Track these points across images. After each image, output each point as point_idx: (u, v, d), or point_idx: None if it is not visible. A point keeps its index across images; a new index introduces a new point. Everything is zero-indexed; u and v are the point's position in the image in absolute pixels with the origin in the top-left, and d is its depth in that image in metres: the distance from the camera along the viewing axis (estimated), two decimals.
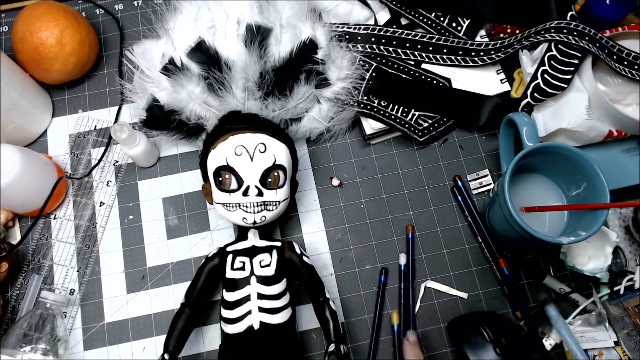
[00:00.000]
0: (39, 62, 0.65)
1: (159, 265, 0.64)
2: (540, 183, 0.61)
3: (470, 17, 0.70)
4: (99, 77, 0.72)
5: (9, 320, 0.61)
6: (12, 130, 0.64)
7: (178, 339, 0.54)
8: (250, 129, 0.56)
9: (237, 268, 0.55)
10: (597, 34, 0.62)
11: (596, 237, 0.58)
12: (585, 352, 0.58)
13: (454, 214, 0.66)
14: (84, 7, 0.76)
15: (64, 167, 0.68)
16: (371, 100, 0.66)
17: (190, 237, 0.65)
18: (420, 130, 0.66)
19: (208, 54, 0.58)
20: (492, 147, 0.68)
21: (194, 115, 0.61)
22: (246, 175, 0.55)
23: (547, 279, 0.62)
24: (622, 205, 0.52)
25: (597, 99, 0.61)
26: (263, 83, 0.59)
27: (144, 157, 0.65)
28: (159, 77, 0.60)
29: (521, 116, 0.59)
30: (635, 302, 0.59)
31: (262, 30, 0.58)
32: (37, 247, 0.64)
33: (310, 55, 0.61)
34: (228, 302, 0.54)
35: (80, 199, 0.67)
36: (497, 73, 0.69)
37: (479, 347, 0.56)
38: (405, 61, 0.69)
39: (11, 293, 0.62)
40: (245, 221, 0.56)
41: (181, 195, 0.67)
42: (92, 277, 0.63)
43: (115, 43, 0.74)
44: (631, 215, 0.62)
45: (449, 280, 0.63)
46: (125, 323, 0.62)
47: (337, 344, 0.54)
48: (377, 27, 0.69)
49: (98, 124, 0.70)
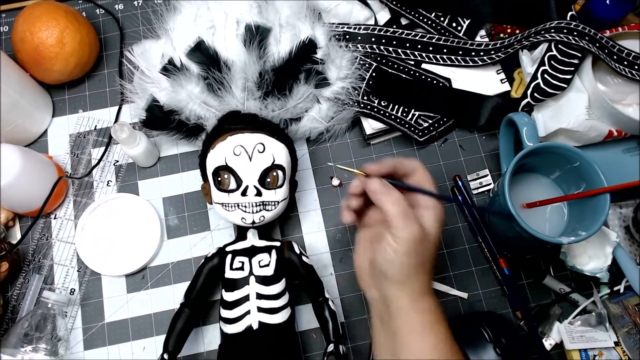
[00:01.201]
0: (39, 62, 0.65)
1: (159, 265, 0.64)
2: (540, 183, 0.61)
3: (470, 17, 0.70)
4: (99, 77, 0.72)
5: (9, 320, 0.61)
6: (13, 130, 0.64)
7: (177, 338, 0.55)
8: (249, 129, 0.56)
9: (236, 268, 0.55)
10: (597, 34, 0.62)
11: (596, 237, 0.58)
12: (585, 352, 0.58)
13: (454, 214, 0.66)
14: (84, 7, 0.76)
15: (64, 167, 0.68)
16: (371, 100, 0.66)
17: (190, 237, 0.65)
18: (420, 130, 0.66)
19: (207, 54, 0.58)
20: (492, 147, 0.68)
21: (194, 115, 0.61)
22: (245, 175, 0.55)
23: (547, 279, 0.61)
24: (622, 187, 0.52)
25: (597, 99, 0.61)
26: (262, 83, 0.59)
27: (144, 157, 0.65)
28: (158, 77, 0.60)
29: (521, 116, 0.59)
30: (635, 301, 0.59)
31: (262, 30, 0.58)
32: (37, 247, 0.65)
33: (310, 55, 0.61)
34: (227, 302, 0.54)
35: (80, 199, 0.67)
36: (497, 73, 0.69)
37: (479, 347, 0.56)
38: (405, 61, 0.69)
39: (11, 293, 0.62)
40: (244, 221, 0.56)
41: (181, 195, 0.67)
42: (92, 277, 0.63)
43: (115, 43, 0.74)
44: (631, 215, 0.62)
45: (449, 280, 0.63)
46: (125, 323, 0.62)
47: (337, 344, 0.54)
48: (377, 27, 0.69)
49: (98, 123, 0.70)
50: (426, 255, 0.46)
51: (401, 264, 0.45)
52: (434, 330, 0.45)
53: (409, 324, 0.46)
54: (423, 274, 0.46)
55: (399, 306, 0.46)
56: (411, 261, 0.45)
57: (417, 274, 0.46)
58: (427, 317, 0.46)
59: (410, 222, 0.45)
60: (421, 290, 0.46)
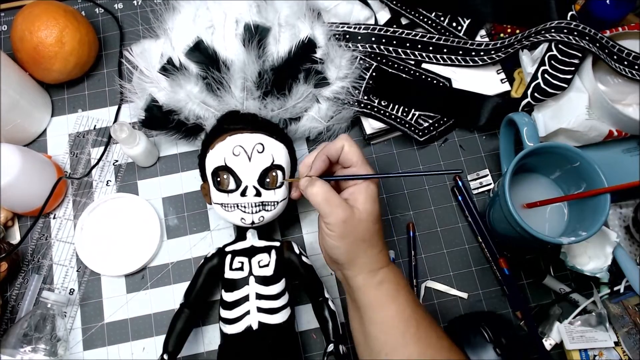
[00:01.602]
0: (38, 61, 0.65)
1: (158, 265, 0.64)
2: (540, 183, 0.61)
3: (471, 17, 0.70)
4: (99, 77, 0.72)
5: (8, 320, 0.61)
6: (12, 130, 0.64)
7: (177, 339, 0.54)
8: (248, 129, 0.56)
9: (236, 268, 0.55)
10: (597, 34, 0.62)
11: (596, 237, 0.58)
12: (585, 352, 0.58)
13: (454, 214, 0.66)
14: (83, 6, 0.76)
15: (64, 167, 0.68)
16: (371, 100, 0.66)
17: (190, 237, 0.65)
18: (420, 130, 0.66)
19: (206, 53, 0.58)
20: (492, 147, 0.68)
21: (193, 115, 0.61)
22: (244, 175, 0.55)
23: (547, 279, 0.61)
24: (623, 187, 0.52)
25: (597, 99, 0.61)
26: (262, 82, 0.59)
27: (143, 157, 0.65)
28: (157, 77, 0.60)
29: (521, 116, 0.59)
30: (635, 301, 0.59)
31: (261, 29, 0.58)
32: (36, 247, 0.64)
33: (309, 55, 0.61)
34: (227, 302, 0.54)
35: (80, 199, 0.66)
36: (497, 73, 0.69)
37: (479, 347, 0.56)
38: (405, 61, 0.69)
39: (11, 293, 0.62)
40: (244, 221, 0.55)
41: (181, 195, 0.67)
42: (91, 277, 0.63)
43: (114, 42, 0.74)
44: (631, 215, 0.62)
45: (449, 280, 0.63)
46: (125, 323, 0.62)
47: (337, 344, 0.54)
48: (377, 27, 0.69)
49: (98, 123, 0.70)
50: (360, 231, 0.48)
51: (339, 246, 0.48)
52: (394, 300, 0.48)
53: (368, 298, 0.49)
54: (369, 249, 0.49)
55: (356, 284, 0.49)
56: (348, 241, 0.48)
57: (361, 252, 0.48)
58: (384, 290, 0.49)
59: (334, 207, 0.47)
60: (372, 265, 0.49)
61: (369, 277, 0.49)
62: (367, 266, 0.49)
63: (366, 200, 0.49)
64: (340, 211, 0.47)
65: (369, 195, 0.49)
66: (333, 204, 0.48)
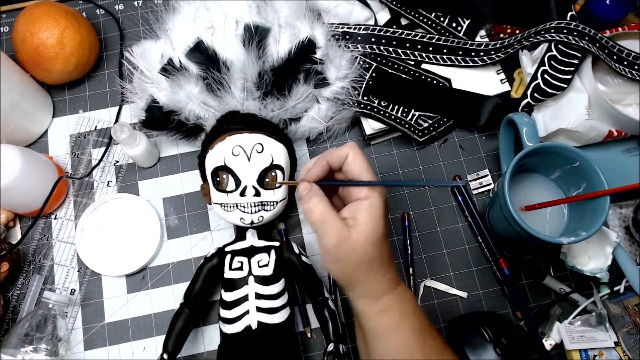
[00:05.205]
0: (39, 62, 0.65)
1: (159, 266, 0.64)
2: (540, 183, 0.61)
3: (470, 17, 0.70)
4: (100, 78, 0.72)
5: (9, 321, 0.61)
6: (13, 131, 0.64)
7: (177, 338, 0.55)
8: (248, 129, 0.56)
9: (235, 268, 0.55)
10: (597, 34, 0.62)
11: (596, 237, 0.58)
12: (585, 352, 0.58)
13: (454, 214, 0.66)
14: (84, 7, 0.76)
15: (65, 167, 0.68)
16: (371, 100, 0.66)
17: (190, 237, 0.65)
18: (420, 130, 0.66)
19: (206, 54, 0.58)
20: (492, 147, 0.68)
21: (193, 115, 0.61)
22: (243, 175, 0.55)
23: (547, 279, 0.61)
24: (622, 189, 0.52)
25: (597, 99, 0.61)
26: (262, 83, 0.60)
27: (144, 157, 0.65)
28: (158, 77, 0.60)
29: (521, 116, 0.59)
30: (635, 301, 0.59)
31: (261, 30, 0.58)
32: (37, 247, 0.65)
33: (309, 55, 0.61)
34: (226, 302, 0.54)
35: (80, 199, 0.67)
36: (497, 73, 0.69)
37: (479, 347, 0.56)
38: (405, 61, 0.69)
39: (12, 293, 0.63)
40: (243, 221, 0.56)
41: (181, 195, 0.67)
42: (92, 277, 0.64)
43: (115, 43, 0.74)
44: (631, 215, 0.62)
45: (449, 280, 0.63)
46: (126, 323, 0.62)
47: (337, 343, 0.54)
48: (377, 27, 0.69)
49: (98, 124, 0.70)
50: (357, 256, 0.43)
51: (333, 270, 0.44)
52: (398, 330, 0.44)
53: (369, 325, 0.45)
54: (368, 273, 0.43)
55: (357, 308, 0.45)
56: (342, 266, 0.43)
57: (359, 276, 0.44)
58: (387, 318, 0.44)
59: (329, 227, 0.42)
60: (372, 291, 0.44)
61: (370, 303, 0.44)
62: (367, 292, 0.44)
63: (368, 219, 0.43)
64: (334, 233, 0.42)
65: (371, 214, 0.43)
66: (328, 224, 0.43)
